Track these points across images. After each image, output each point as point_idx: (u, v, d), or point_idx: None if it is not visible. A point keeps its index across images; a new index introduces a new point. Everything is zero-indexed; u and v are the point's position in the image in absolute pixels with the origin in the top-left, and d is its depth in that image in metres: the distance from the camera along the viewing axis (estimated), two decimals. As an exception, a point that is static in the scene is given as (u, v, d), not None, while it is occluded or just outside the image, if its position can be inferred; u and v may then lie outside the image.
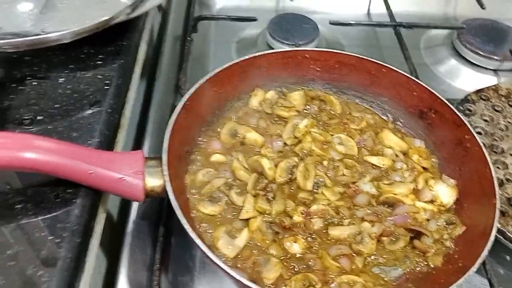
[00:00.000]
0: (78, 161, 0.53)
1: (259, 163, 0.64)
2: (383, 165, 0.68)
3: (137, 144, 0.77)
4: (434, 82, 0.98)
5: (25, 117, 0.62)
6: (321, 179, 0.65)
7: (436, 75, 1.00)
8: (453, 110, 0.69)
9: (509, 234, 0.62)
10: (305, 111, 0.75)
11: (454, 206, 0.64)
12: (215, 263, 0.50)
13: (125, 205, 0.69)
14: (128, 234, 0.63)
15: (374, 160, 0.68)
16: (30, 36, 0.64)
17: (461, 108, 0.78)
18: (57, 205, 0.53)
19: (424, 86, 0.72)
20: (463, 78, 0.98)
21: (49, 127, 0.61)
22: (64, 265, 0.48)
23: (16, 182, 0.56)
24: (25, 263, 0.48)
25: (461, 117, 0.67)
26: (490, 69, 0.99)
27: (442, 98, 0.70)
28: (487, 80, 0.96)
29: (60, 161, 0.52)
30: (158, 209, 0.66)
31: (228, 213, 0.61)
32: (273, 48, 0.96)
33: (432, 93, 0.71)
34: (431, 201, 0.64)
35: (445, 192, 0.65)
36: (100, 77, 0.69)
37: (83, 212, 0.53)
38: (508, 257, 0.69)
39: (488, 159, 0.62)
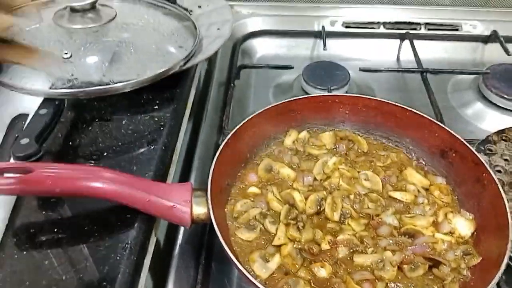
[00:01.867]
0: (137, 190, 0.63)
1: (291, 196, 0.72)
2: (406, 199, 0.74)
3: (183, 177, 0.87)
4: (461, 124, 1.04)
5: (94, 153, 0.74)
6: (347, 211, 0.72)
7: (462, 118, 1.05)
8: (471, 150, 0.74)
9: (524, 265, 0.66)
10: (334, 149, 0.83)
11: (472, 239, 0.69)
12: (250, 281, 0.58)
13: (172, 230, 0.79)
14: (175, 256, 0.72)
15: (397, 195, 0.74)
16: (101, 85, 0.77)
17: (482, 148, 0.84)
18: (118, 228, 0.63)
19: (445, 128, 0.79)
20: (489, 120, 1.03)
21: (113, 161, 0.72)
22: (123, 279, 0.57)
23: (85, 208, 0.66)
24: (91, 276, 0.58)
25: (479, 156, 0.73)
26: (516, 112, 1.04)
27: (462, 139, 0.76)
28: (512, 122, 1.01)
29: (123, 190, 0.62)
30: (201, 235, 0.75)
31: (263, 239, 0.68)
32: (307, 93, 1.06)
33: (452, 134, 0.77)
34: (450, 233, 0.69)
35: (463, 225, 0.70)
36: (157, 119, 0.80)
37: (139, 234, 0.63)
38: (527, 290, 0.72)
39: (503, 194, 0.67)
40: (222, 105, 1.00)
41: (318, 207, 0.72)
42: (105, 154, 0.74)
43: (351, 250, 0.67)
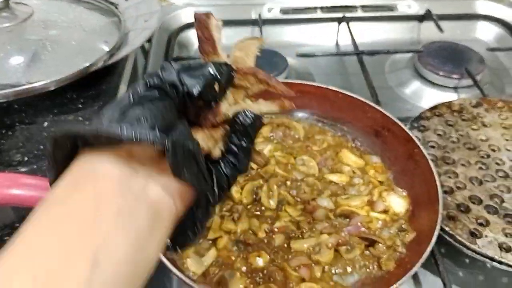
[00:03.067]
0: (57, 194, 0.59)
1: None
2: (341, 181, 0.74)
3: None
4: (399, 103, 1.05)
5: (14, 159, 0.70)
6: (284, 198, 0.71)
7: (400, 97, 1.07)
8: (402, 128, 0.75)
9: (458, 237, 0.67)
10: (271, 137, 0.82)
11: (406, 215, 0.70)
12: (180, 279, 0.56)
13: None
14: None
15: (333, 177, 0.74)
16: (18, 86, 0.73)
17: (416, 124, 0.84)
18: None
19: (376, 108, 0.79)
20: (426, 98, 1.05)
21: (34, 166, 0.69)
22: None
23: (5, 217, 0.63)
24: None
25: (409, 132, 0.74)
26: (450, 87, 1.06)
27: (393, 118, 0.77)
28: (448, 97, 1.02)
29: (39, 195, 0.59)
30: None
31: (197, 234, 0.66)
32: (245, 82, 1.04)
33: (384, 113, 0.78)
34: (385, 211, 0.69)
35: (397, 202, 0.70)
36: (81, 118, 0.77)
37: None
38: (467, 260, 0.74)
39: (434, 169, 0.68)
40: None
41: (254, 196, 0.70)
42: (26, 159, 0.70)
43: (288, 237, 0.66)
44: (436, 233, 0.61)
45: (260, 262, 0.63)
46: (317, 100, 0.84)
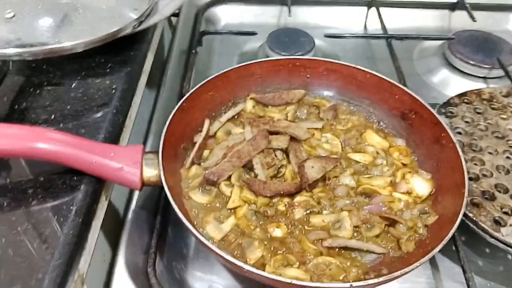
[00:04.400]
0: (82, 151, 0.60)
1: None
2: (364, 161, 0.73)
3: (145, 142, 0.85)
4: (426, 90, 1.03)
5: (41, 117, 0.70)
6: (306, 174, 0.70)
7: (427, 84, 1.05)
8: (430, 111, 0.74)
9: (481, 224, 0.65)
10: (296, 114, 0.81)
11: (429, 198, 0.69)
12: (202, 242, 0.56)
13: (129, 198, 0.76)
14: (128, 221, 0.70)
15: (356, 156, 0.73)
16: (47, 45, 0.73)
17: (443, 110, 0.83)
18: (63, 191, 0.60)
19: (404, 90, 0.78)
20: (453, 86, 1.03)
21: (60, 125, 0.69)
22: (66, 240, 0.55)
23: (29, 170, 0.63)
24: (32, 238, 0.55)
25: (437, 116, 0.72)
26: (480, 77, 1.03)
27: (421, 100, 0.76)
28: (477, 86, 1.00)
29: (67, 151, 0.59)
30: (157, 200, 0.72)
31: (218, 202, 0.66)
32: (271, 60, 1.03)
33: (412, 95, 0.76)
34: (407, 193, 0.68)
35: (420, 184, 0.69)
36: (108, 83, 0.77)
37: (86, 197, 0.60)
38: (487, 250, 0.72)
39: (461, 153, 0.67)
40: (183, 71, 0.97)
41: (276, 172, 0.70)
42: (53, 117, 0.70)
43: (308, 211, 0.66)
44: (460, 217, 0.60)
45: (278, 232, 0.63)
46: (343, 79, 0.83)
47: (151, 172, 0.63)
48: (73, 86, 0.76)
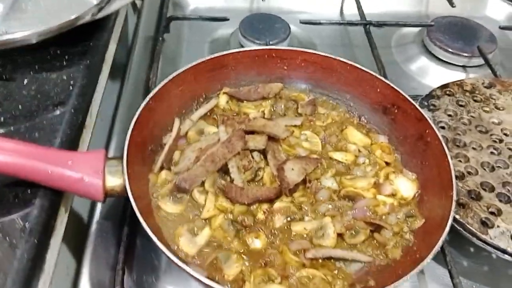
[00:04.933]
0: (35, 161, 0.53)
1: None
2: (346, 160, 0.69)
3: (108, 145, 0.78)
4: (405, 79, 1.00)
5: (-12, 119, 0.63)
6: (285, 176, 0.66)
7: (406, 73, 1.01)
8: (414, 105, 0.70)
9: (468, 226, 0.63)
10: (272, 110, 0.76)
11: (414, 200, 0.65)
12: (174, 262, 0.51)
13: (93, 205, 0.70)
14: (91, 234, 0.64)
15: (337, 155, 0.69)
16: (-6, 37, 0.65)
17: (425, 103, 0.79)
18: (16, 206, 0.54)
19: (387, 83, 0.73)
20: (433, 75, 1.00)
21: (11, 128, 0.62)
22: (20, 266, 0.48)
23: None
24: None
25: (422, 111, 0.69)
26: (459, 66, 1.01)
27: (404, 94, 0.72)
28: (456, 76, 0.98)
29: (18, 161, 0.53)
30: (123, 209, 0.66)
31: (191, 211, 0.61)
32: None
33: (395, 89, 0.72)
34: (392, 195, 0.65)
35: (405, 185, 0.66)
36: (65, 77, 0.69)
37: (42, 212, 0.53)
38: (472, 249, 0.70)
39: (447, 152, 0.64)
40: (149, 61, 0.90)
41: (253, 176, 0.65)
42: (2, 119, 0.62)
43: (288, 219, 0.61)
44: (449, 222, 0.57)
45: (257, 243, 0.59)
46: (323, 72, 0.78)
47: (115, 181, 0.56)
48: (25, 82, 0.68)
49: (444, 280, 0.65)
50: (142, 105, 0.64)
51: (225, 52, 0.76)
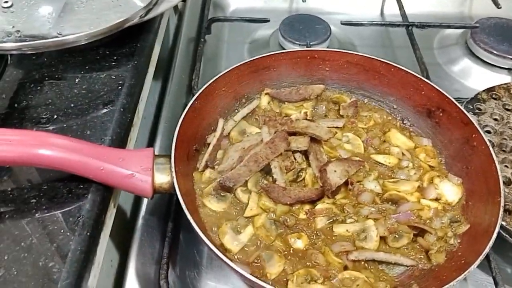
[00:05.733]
0: (89, 158, 0.55)
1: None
2: (389, 163, 0.68)
3: (151, 143, 0.80)
4: (447, 81, 0.98)
5: (43, 116, 0.65)
6: (327, 178, 0.66)
7: (449, 75, 0.99)
8: (460, 109, 0.69)
9: (515, 233, 0.61)
10: (313, 110, 0.76)
11: (459, 205, 0.64)
12: (220, 258, 0.52)
13: (137, 200, 0.72)
14: (137, 229, 0.66)
15: (380, 158, 0.69)
16: (48, 38, 0.67)
17: (471, 107, 0.78)
18: (69, 200, 0.56)
19: (432, 85, 0.72)
20: (477, 78, 0.98)
21: (64, 125, 0.64)
22: (74, 257, 0.51)
23: (32, 178, 0.59)
24: (37, 255, 0.51)
25: (468, 115, 0.67)
26: (504, 68, 0.98)
27: (450, 97, 0.70)
28: (501, 79, 0.95)
29: (73, 157, 0.55)
30: (168, 205, 0.68)
31: (234, 209, 0.62)
32: (284, 49, 0.98)
33: (440, 92, 0.71)
34: (436, 199, 0.64)
35: (450, 190, 0.65)
36: (114, 77, 0.72)
37: (94, 207, 0.55)
38: (517, 257, 0.69)
39: (494, 157, 0.62)
40: (191, 62, 0.92)
41: (295, 176, 0.65)
42: (55, 117, 0.65)
43: (331, 220, 0.62)
44: (496, 229, 0.55)
45: (299, 243, 0.59)
46: (365, 73, 0.78)
47: (163, 178, 0.58)
48: (76, 81, 0.71)
49: (487, 287, 0.64)
50: (188, 105, 0.66)
51: (267, 54, 0.77)
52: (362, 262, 0.58)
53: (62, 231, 0.53)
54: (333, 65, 0.78)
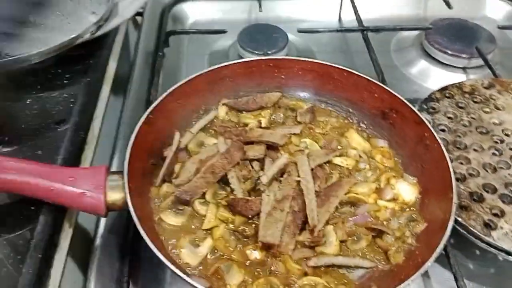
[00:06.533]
0: (38, 178, 0.54)
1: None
2: (347, 165, 0.69)
3: (112, 161, 0.78)
4: (405, 83, 0.99)
5: (-8, 139, 0.64)
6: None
7: (406, 77, 1.01)
8: (412, 109, 0.70)
9: (471, 228, 0.62)
10: (271, 119, 0.77)
11: (416, 204, 0.65)
12: (176, 273, 0.51)
13: (98, 219, 0.70)
14: (96, 248, 0.64)
15: (338, 160, 0.69)
16: (-2, 60, 0.66)
17: (425, 106, 0.79)
18: (20, 223, 0.55)
19: (384, 88, 0.74)
20: (433, 78, 1.00)
21: (15, 147, 0.63)
22: (24, 281, 0.49)
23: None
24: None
25: (420, 115, 0.69)
26: (459, 67, 1.00)
27: (402, 98, 0.72)
28: (456, 78, 0.97)
29: (20, 179, 0.54)
30: (127, 222, 0.67)
31: (192, 222, 0.62)
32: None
33: (392, 93, 0.73)
34: (393, 199, 0.65)
35: (406, 190, 0.66)
36: (67, 96, 0.71)
37: (45, 228, 0.54)
38: (477, 252, 0.70)
39: (446, 154, 0.64)
40: (149, 76, 0.91)
41: (253, 185, 0.65)
42: (6, 139, 0.64)
43: (290, 226, 0.61)
44: (450, 225, 0.56)
45: (256, 254, 0.59)
46: (320, 79, 0.79)
47: (117, 195, 0.57)
48: (28, 101, 0.70)
49: (451, 284, 0.65)
50: (142, 119, 0.65)
51: (222, 64, 0.77)
52: (322, 268, 0.58)
53: (12, 254, 0.52)
54: (288, 72, 0.79)
